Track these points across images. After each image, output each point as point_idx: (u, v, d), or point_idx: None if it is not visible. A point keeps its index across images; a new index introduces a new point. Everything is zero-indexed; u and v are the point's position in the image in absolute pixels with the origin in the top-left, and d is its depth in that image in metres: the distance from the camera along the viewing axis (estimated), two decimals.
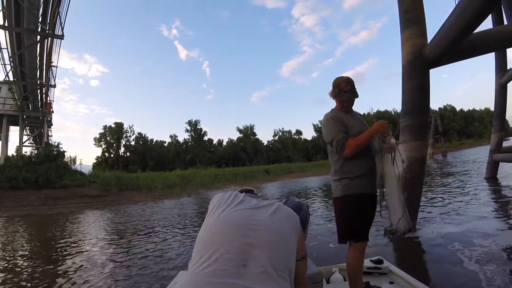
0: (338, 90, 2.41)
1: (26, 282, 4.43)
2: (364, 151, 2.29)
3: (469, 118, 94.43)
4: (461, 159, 27.11)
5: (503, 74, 10.25)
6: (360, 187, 2.26)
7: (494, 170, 10.85)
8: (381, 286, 2.40)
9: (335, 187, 2.36)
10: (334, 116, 2.38)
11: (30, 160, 20.15)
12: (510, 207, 6.03)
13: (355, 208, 2.25)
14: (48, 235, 8.91)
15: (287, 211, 1.23)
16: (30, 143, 27.51)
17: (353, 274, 2.24)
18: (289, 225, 1.15)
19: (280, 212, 1.19)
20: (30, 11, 12.46)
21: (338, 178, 2.33)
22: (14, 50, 15.25)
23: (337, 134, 2.28)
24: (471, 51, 4.82)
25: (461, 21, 4.01)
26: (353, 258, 2.25)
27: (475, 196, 7.60)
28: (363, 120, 2.50)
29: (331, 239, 5.20)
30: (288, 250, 1.07)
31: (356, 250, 2.25)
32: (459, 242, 4.18)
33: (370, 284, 2.40)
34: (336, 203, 2.37)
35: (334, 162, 2.38)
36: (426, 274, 3.32)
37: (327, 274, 2.71)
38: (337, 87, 2.42)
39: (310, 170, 41.87)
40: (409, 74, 5.03)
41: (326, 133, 2.39)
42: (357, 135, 2.27)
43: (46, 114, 24.41)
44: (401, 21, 5.23)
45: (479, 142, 69.41)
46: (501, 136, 10.78)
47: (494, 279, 2.98)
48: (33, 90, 20.97)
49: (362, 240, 2.27)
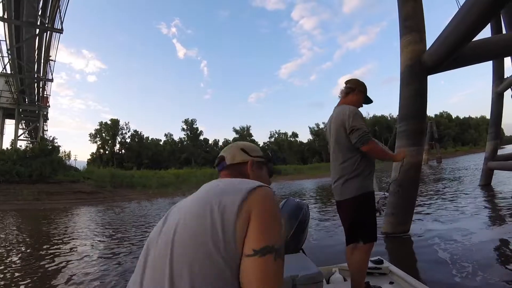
0: (364, 91, 2.53)
1: (17, 277, 4.41)
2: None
3: (464, 125, 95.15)
4: (456, 165, 27.28)
5: (500, 83, 10.32)
6: (371, 185, 2.30)
7: (488, 178, 10.92)
8: (381, 286, 2.42)
9: (348, 186, 2.26)
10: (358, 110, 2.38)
11: (24, 154, 20.02)
12: (503, 214, 6.07)
13: (371, 207, 2.26)
14: (40, 230, 8.85)
15: (212, 184, 0.91)
16: (25, 137, 27.35)
17: (359, 276, 2.22)
18: (206, 206, 0.77)
19: (201, 191, 0.90)
20: (30, 3, 12.42)
21: (353, 176, 2.25)
22: (12, 42, 15.18)
23: (363, 126, 2.25)
24: (469, 59, 4.85)
25: (460, 29, 4.04)
26: (362, 260, 2.21)
27: (468, 202, 7.65)
28: None
29: (331, 239, 5.24)
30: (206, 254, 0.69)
31: (365, 251, 2.22)
32: (454, 243, 4.22)
33: (370, 284, 2.41)
34: (348, 203, 2.27)
35: (348, 160, 2.28)
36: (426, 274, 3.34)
37: (327, 274, 2.73)
38: (364, 89, 2.53)
39: (306, 172, 42.00)
40: (407, 80, 5.06)
41: (354, 121, 2.25)
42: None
43: (42, 108, 24.30)
44: (400, 27, 5.26)
45: (474, 150, 69.98)
46: (496, 144, 10.85)
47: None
48: (30, 84, 20.87)
49: (373, 241, 2.24)
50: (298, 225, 2.73)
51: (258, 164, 1.13)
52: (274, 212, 0.76)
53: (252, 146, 1.17)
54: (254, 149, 1.16)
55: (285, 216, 2.77)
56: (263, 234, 0.71)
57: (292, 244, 2.68)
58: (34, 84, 21.42)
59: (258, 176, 1.08)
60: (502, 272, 3.21)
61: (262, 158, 1.16)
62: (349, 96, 2.49)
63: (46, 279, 4.26)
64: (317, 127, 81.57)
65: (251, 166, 1.10)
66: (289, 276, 1.79)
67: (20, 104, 22.75)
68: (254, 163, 1.11)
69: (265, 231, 0.72)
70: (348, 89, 2.51)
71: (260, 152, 1.17)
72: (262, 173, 1.14)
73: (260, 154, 1.16)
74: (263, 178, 1.13)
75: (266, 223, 0.73)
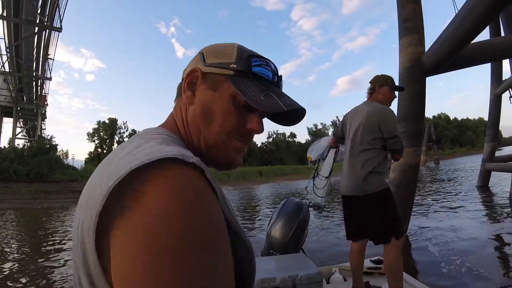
0: (386, 83, 2.41)
1: (15, 276, 4.40)
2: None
3: (462, 127, 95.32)
4: (454, 167, 27.37)
5: (498, 85, 10.39)
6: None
7: (486, 179, 10.98)
8: (381, 286, 2.42)
9: (371, 182, 2.21)
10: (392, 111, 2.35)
11: (22, 153, 19.97)
12: (503, 215, 6.11)
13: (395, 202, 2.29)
14: (38, 229, 8.84)
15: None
16: (23, 136, 27.25)
17: (399, 274, 2.15)
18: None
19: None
20: (29, 1, 12.40)
21: (376, 172, 2.23)
22: (11, 40, 15.15)
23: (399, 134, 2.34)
24: (468, 61, 4.88)
25: (459, 31, 4.06)
26: (397, 258, 2.15)
27: (465, 203, 7.69)
28: None
29: (331, 239, 5.28)
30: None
31: (399, 247, 2.16)
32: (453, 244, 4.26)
33: (370, 284, 2.42)
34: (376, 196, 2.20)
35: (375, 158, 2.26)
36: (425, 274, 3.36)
37: (327, 274, 2.73)
38: (384, 83, 2.41)
39: (304, 172, 41.95)
40: (406, 81, 5.08)
41: (394, 128, 2.28)
42: None
43: (41, 106, 24.22)
44: (400, 28, 5.28)
45: (471, 151, 69.99)
46: (494, 146, 10.92)
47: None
48: (28, 82, 20.81)
49: (403, 235, 2.21)
50: (298, 225, 2.73)
51: (213, 79, 0.56)
52: (173, 234, 0.32)
53: (221, 48, 0.58)
54: (220, 51, 0.57)
55: (285, 216, 2.78)
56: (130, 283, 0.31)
57: (292, 244, 2.68)
58: (32, 83, 21.34)
59: (202, 111, 0.56)
60: (500, 272, 3.25)
61: (226, 67, 0.55)
62: (373, 96, 2.45)
63: (43, 277, 4.27)
64: (315, 127, 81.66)
65: (192, 85, 0.57)
66: (289, 276, 1.78)
67: (18, 102, 22.66)
68: (203, 76, 0.56)
69: (135, 276, 0.31)
70: (370, 90, 2.48)
71: (231, 57, 0.55)
72: (216, 102, 0.55)
73: (230, 60, 0.55)
74: (210, 112, 0.55)
75: (143, 261, 0.31)
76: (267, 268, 1.95)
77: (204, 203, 0.37)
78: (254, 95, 0.52)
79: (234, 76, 0.54)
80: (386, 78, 2.42)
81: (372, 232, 2.26)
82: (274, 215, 2.98)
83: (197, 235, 0.33)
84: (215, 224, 0.37)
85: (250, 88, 0.53)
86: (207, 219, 0.36)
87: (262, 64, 0.56)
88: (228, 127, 0.54)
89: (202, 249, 0.33)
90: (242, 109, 0.55)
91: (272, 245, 2.75)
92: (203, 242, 0.33)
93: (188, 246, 0.32)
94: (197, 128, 0.56)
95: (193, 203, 0.35)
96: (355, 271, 2.34)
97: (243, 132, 0.56)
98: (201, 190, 0.37)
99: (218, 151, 0.56)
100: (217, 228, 0.37)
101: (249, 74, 0.55)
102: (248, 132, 0.56)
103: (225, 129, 0.54)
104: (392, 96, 2.43)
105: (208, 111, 0.55)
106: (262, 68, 0.56)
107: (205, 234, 0.34)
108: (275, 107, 0.51)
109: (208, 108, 0.55)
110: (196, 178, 0.38)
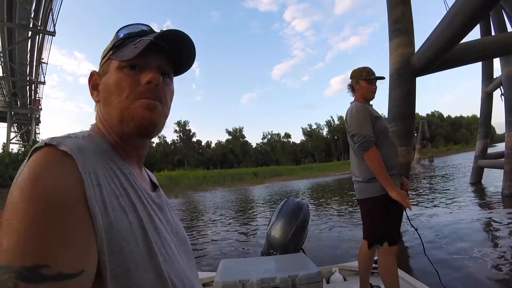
0: (366, 74, 2.28)
1: None
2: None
3: (456, 124, 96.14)
4: (447, 164, 27.56)
5: (489, 83, 10.52)
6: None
7: (478, 176, 11.12)
8: (381, 286, 2.40)
9: (371, 185, 2.14)
10: (361, 107, 2.21)
11: (17, 158, 19.80)
12: (492, 210, 6.20)
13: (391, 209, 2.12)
14: None
15: None
16: (17, 141, 26.99)
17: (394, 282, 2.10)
18: None
19: None
20: (23, 6, 12.36)
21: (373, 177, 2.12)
22: (4, 45, 15.03)
23: (363, 130, 2.12)
24: (457, 61, 4.97)
25: (448, 32, 4.14)
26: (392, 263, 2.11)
27: (458, 200, 7.80)
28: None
29: (331, 239, 5.31)
30: None
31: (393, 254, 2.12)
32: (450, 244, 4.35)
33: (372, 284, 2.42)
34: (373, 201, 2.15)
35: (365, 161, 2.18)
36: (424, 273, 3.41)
37: (327, 274, 2.74)
38: (359, 76, 2.30)
39: (298, 173, 42.10)
40: (396, 81, 5.17)
41: (352, 125, 2.18)
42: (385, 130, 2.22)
43: (35, 111, 24.04)
44: (390, 30, 5.37)
45: (465, 148, 70.51)
46: (486, 143, 11.05)
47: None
48: (22, 87, 20.66)
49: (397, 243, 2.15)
50: (298, 225, 2.75)
51: (104, 69, 0.61)
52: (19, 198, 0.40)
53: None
54: (105, 49, 0.64)
55: (285, 216, 2.81)
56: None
57: (292, 244, 2.70)
58: (26, 87, 21.19)
59: (104, 94, 0.60)
60: (496, 271, 3.32)
61: (106, 53, 0.62)
62: (355, 93, 2.37)
63: None
64: (310, 127, 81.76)
65: (95, 86, 0.63)
66: (289, 276, 1.78)
67: (12, 107, 22.47)
68: (99, 74, 0.63)
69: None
70: (350, 87, 2.41)
71: (109, 44, 0.63)
72: (108, 80, 0.59)
73: (109, 47, 0.62)
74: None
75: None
76: (267, 268, 1.94)
77: (45, 183, 0.41)
78: (126, 53, 0.57)
79: (112, 54, 0.59)
80: (361, 71, 2.32)
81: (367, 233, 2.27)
82: (274, 215, 2.97)
83: (23, 207, 0.39)
84: (46, 203, 0.40)
85: (125, 51, 0.58)
86: (39, 196, 0.40)
87: (127, 27, 0.62)
88: (124, 92, 0.56)
89: (24, 222, 0.38)
90: (132, 71, 0.58)
91: (272, 245, 2.76)
92: (25, 216, 0.38)
93: (15, 217, 0.38)
94: (108, 114, 0.59)
95: (35, 182, 0.40)
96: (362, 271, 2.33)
97: (142, 90, 0.57)
98: (50, 171, 0.42)
99: (127, 117, 0.57)
100: (47, 206, 0.39)
101: (119, 42, 0.60)
102: (147, 87, 0.57)
103: (122, 95, 0.56)
104: (371, 88, 2.29)
105: (107, 91, 0.58)
106: (125, 30, 0.62)
107: (28, 209, 0.39)
108: (142, 46, 0.55)
109: (106, 89, 0.59)
110: (54, 161, 0.44)
